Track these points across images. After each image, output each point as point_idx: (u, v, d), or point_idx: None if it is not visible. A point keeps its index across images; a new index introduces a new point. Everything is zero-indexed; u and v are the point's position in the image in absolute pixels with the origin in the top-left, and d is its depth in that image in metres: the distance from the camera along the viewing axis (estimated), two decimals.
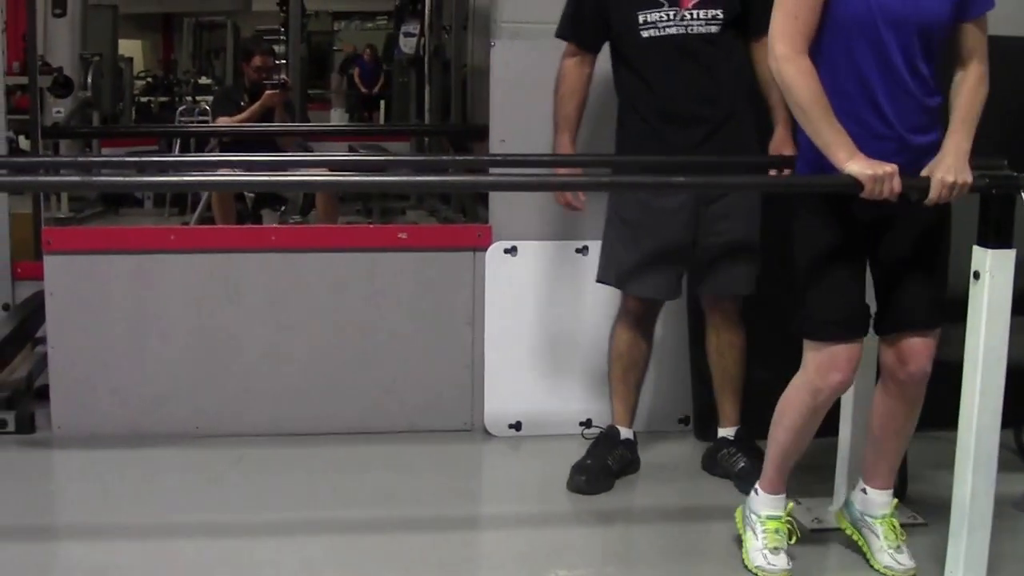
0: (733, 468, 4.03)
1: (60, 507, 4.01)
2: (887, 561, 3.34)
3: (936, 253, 3.21)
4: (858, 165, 2.95)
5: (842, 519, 3.53)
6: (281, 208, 7.62)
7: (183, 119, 12.07)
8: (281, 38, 12.83)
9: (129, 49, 15.58)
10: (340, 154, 7.06)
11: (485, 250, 4.49)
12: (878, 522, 3.39)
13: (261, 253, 4.51)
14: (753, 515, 3.40)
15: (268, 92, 7.27)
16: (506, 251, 4.48)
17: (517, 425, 4.53)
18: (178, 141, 9.84)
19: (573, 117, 3.99)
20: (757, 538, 3.36)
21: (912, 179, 3.04)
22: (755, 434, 4.05)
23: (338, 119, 17.12)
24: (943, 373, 3.22)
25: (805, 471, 3.85)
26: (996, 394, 3.06)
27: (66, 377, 4.45)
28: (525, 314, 4.52)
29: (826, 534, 3.60)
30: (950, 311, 3.20)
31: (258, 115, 7.28)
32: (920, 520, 3.65)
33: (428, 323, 4.55)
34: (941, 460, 3.35)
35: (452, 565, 3.50)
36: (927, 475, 3.86)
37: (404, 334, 4.54)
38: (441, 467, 4.29)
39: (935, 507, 3.43)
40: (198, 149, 8.78)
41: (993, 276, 3.00)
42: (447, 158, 5.63)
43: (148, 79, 15.28)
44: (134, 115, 12.69)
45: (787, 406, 3.27)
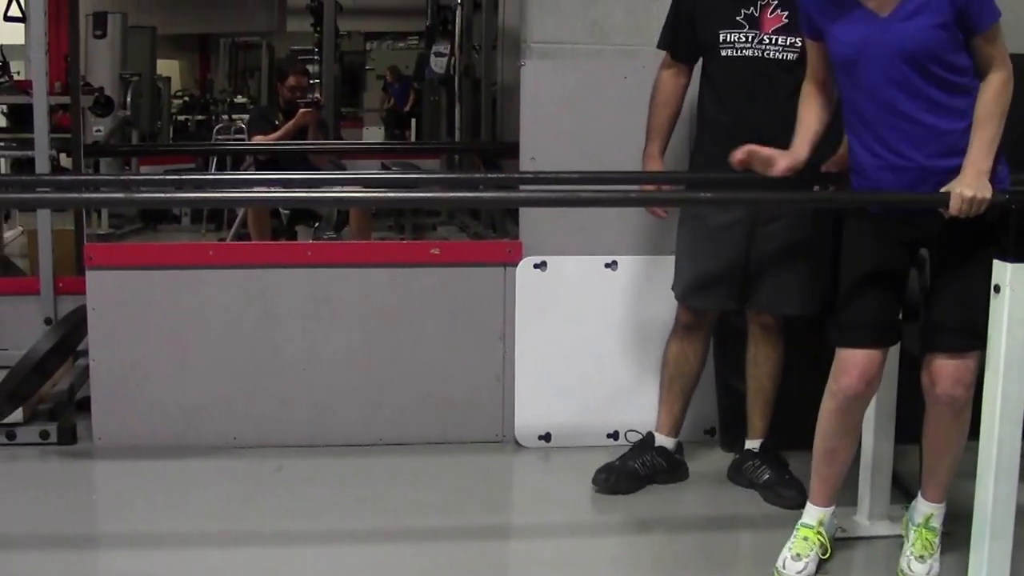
0: (758, 479, 4.06)
1: (101, 516, 4.04)
2: (903, 566, 3.39)
3: (968, 277, 3.19)
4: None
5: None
6: (315, 224, 7.65)
7: (219, 137, 12.16)
8: (315, 58, 12.93)
9: (167, 69, 15.73)
10: (374, 172, 7.12)
11: (515, 265, 4.53)
12: (914, 529, 3.44)
13: (297, 268, 4.56)
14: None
15: (302, 111, 7.36)
16: (536, 266, 4.53)
17: (547, 436, 4.57)
18: (215, 159, 9.98)
19: (665, 127, 4.02)
20: (789, 541, 3.44)
21: (933, 195, 3.09)
22: (781, 446, 4.13)
23: (371, 137, 17.21)
24: None
25: None
26: (1017, 404, 3.09)
27: (107, 389, 4.49)
28: (555, 327, 4.56)
29: (850, 543, 3.63)
30: None
31: (292, 133, 7.35)
32: (943, 528, 3.68)
33: (460, 337, 4.59)
34: (963, 469, 3.36)
35: (483, 574, 3.56)
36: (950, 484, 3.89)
37: (436, 347, 4.58)
38: (472, 478, 4.32)
39: (957, 516, 3.44)
40: (234, 166, 8.93)
41: (1013, 290, 3.03)
42: (479, 175, 5.67)
43: (185, 98, 15.37)
44: (172, 133, 12.83)
45: (819, 412, 3.37)
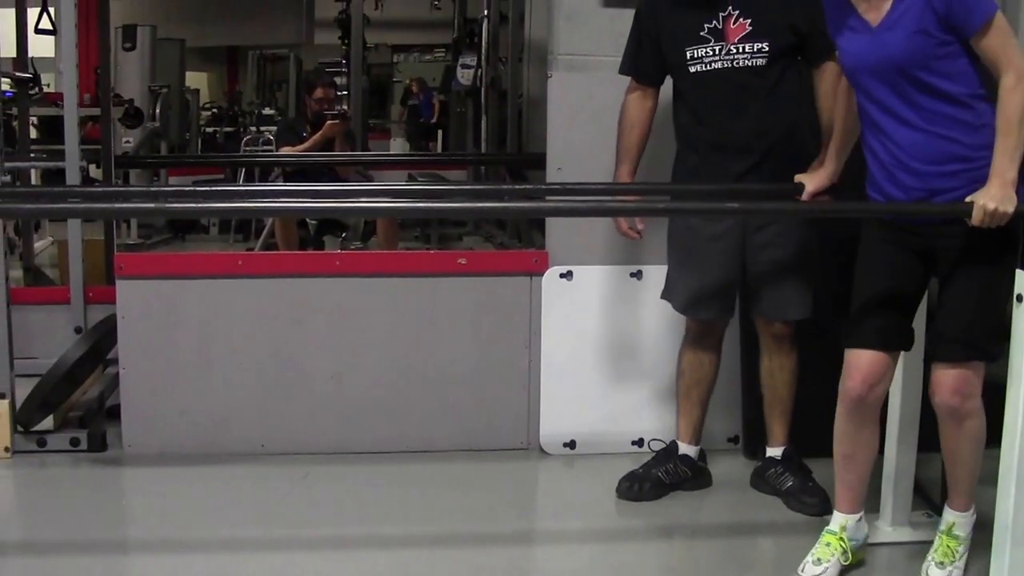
0: (781, 486, 4.08)
1: (130, 522, 4.09)
2: (924, 570, 3.41)
3: (969, 288, 3.19)
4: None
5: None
6: (343, 235, 7.71)
7: (248, 149, 12.24)
8: (343, 70, 12.99)
9: (196, 81, 15.83)
10: (401, 184, 7.16)
11: (542, 275, 4.56)
12: (938, 536, 3.45)
13: (325, 278, 4.59)
14: None
15: (329, 123, 7.41)
16: (562, 276, 4.56)
17: (572, 444, 4.60)
18: (243, 170, 10.04)
19: (634, 150, 4.07)
20: (814, 546, 3.47)
21: (958, 204, 3.11)
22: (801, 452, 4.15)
23: (398, 149, 17.28)
24: (984, 391, 3.26)
25: None
26: None
27: (137, 397, 4.53)
28: (580, 336, 4.59)
29: (872, 549, 3.63)
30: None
31: (320, 145, 7.41)
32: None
33: (486, 345, 4.62)
34: (984, 477, 3.37)
35: None
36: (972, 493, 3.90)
37: (463, 356, 4.61)
38: (498, 484, 4.35)
39: (979, 523, 3.44)
40: (262, 178, 8.99)
41: None
42: (505, 186, 5.71)
43: (214, 110, 15.45)
44: (200, 145, 12.91)
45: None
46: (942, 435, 3.35)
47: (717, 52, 3.87)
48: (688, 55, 3.89)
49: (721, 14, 3.86)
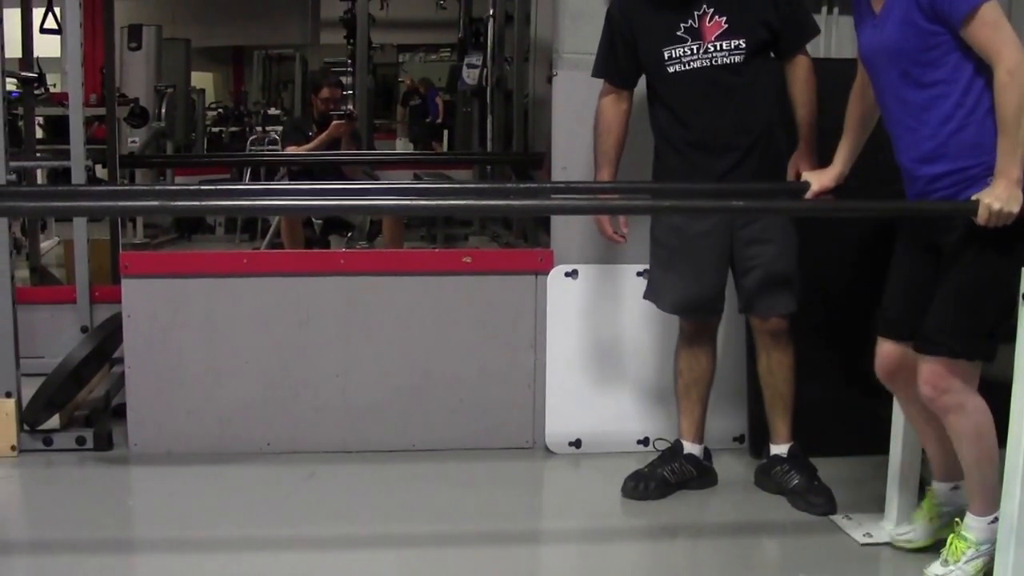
0: (787, 485, 4.06)
1: (136, 521, 4.08)
2: (930, 565, 3.40)
3: (951, 291, 3.17)
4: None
5: None
6: (348, 234, 7.70)
7: (253, 148, 12.25)
8: (348, 70, 12.99)
9: (201, 81, 15.88)
10: (407, 182, 7.15)
11: (547, 274, 4.57)
12: (952, 533, 3.42)
13: (330, 277, 4.60)
14: None
15: (335, 122, 7.42)
16: (567, 274, 4.57)
17: (577, 443, 4.59)
18: (249, 170, 10.03)
19: (612, 154, 4.07)
20: None
21: (963, 202, 3.10)
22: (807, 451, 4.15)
23: (403, 148, 17.31)
24: (990, 392, 3.25)
25: (857, 486, 3.95)
26: None
27: (142, 396, 4.53)
28: (585, 335, 4.60)
29: (876, 549, 3.64)
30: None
31: (325, 145, 7.41)
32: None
33: (491, 344, 4.62)
34: None
35: None
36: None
37: (468, 355, 4.62)
38: (503, 483, 4.35)
39: None
40: (268, 177, 8.98)
41: None
42: (510, 185, 5.71)
43: (219, 110, 15.50)
44: (206, 145, 12.94)
45: None
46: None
47: (695, 51, 3.87)
48: (666, 55, 3.90)
49: (696, 13, 3.87)
